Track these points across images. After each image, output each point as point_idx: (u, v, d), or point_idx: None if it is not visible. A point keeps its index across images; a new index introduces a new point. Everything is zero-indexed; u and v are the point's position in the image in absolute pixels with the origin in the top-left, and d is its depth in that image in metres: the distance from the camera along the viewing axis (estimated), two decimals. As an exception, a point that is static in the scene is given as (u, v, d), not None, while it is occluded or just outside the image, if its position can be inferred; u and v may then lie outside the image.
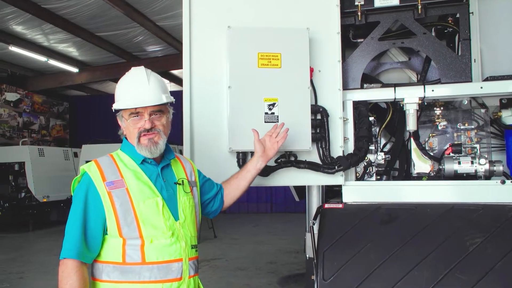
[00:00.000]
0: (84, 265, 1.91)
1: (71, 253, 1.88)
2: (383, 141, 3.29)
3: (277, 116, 2.68)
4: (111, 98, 2.07)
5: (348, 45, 3.25)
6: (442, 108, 3.05)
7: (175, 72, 14.49)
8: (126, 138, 2.10)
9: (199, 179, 2.29)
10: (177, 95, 2.20)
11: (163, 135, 2.05)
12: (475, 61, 2.96)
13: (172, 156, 2.16)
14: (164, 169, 2.09)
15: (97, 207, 1.92)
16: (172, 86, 15.25)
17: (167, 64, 13.09)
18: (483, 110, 3.03)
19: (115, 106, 2.04)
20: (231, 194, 2.43)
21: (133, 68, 2.10)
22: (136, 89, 2.00)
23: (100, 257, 1.95)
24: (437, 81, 2.96)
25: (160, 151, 2.04)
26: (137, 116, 2.01)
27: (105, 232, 1.94)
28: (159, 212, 1.96)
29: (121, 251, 1.91)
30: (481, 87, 2.80)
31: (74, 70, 13.75)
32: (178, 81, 14.94)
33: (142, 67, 2.09)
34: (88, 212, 1.91)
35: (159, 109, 2.04)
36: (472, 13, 2.96)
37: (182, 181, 2.12)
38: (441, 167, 2.92)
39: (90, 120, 16.72)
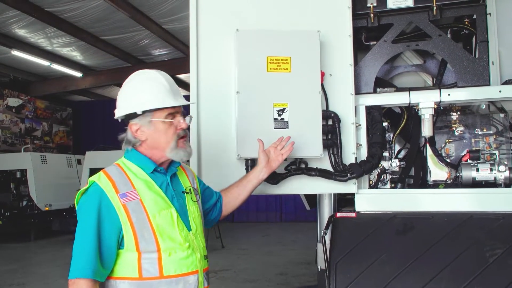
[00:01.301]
0: (97, 284, 1.85)
1: (84, 272, 1.80)
2: (397, 148, 3.28)
3: (287, 122, 2.69)
4: (116, 103, 2.06)
5: (360, 48, 3.25)
6: (459, 112, 3.04)
7: (181, 76, 14.56)
8: (141, 145, 2.03)
9: (200, 187, 2.30)
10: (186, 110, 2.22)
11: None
12: (493, 64, 2.94)
13: (179, 164, 2.16)
14: (172, 177, 2.09)
15: (112, 220, 1.87)
16: (179, 91, 15.32)
17: (173, 68, 13.15)
18: (502, 115, 3.01)
19: (154, 105, 1.96)
20: (231, 203, 2.44)
21: (145, 71, 2.07)
22: (170, 88, 2.00)
23: (114, 273, 1.91)
24: (454, 85, 2.96)
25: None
26: (173, 117, 2.01)
27: (118, 246, 1.90)
28: (174, 224, 1.95)
29: (137, 265, 1.88)
30: (500, 91, 2.78)
31: (78, 74, 13.88)
32: (184, 85, 14.99)
33: (154, 70, 2.08)
34: (103, 226, 1.86)
35: (182, 110, 2.08)
36: (490, 14, 2.95)
37: (190, 189, 2.14)
38: (458, 174, 2.90)
39: (94, 126, 16.86)
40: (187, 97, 2.41)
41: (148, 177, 2.00)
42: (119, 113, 2.03)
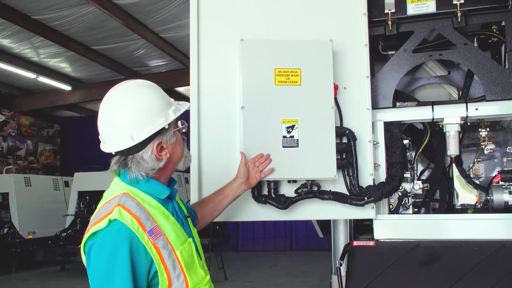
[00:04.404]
0: None
1: None
2: (420, 168, 3.28)
3: (297, 140, 2.70)
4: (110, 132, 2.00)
5: (377, 58, 3.28)
6: (488, 129, 3.04)
7: (180, 89, 14.67)
8: (161, 168, 1.94)
9: None
10: (183, 115, 2.20)
11: None
12: (525, 75, 2.95)
13: (175, 182, 2.13)
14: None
15: (145, 264, 1.76)
16: (177, 105, 15.38)
17: (172, 80, 13.26)
18: (536, 131, 3.02)
19: (177, 112, 1.94)
20: (205, 219, 2.46)
21: (140, 81, 1.97)
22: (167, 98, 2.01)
23: None
24: (482, 98, 2.96)
25: None
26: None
27: None
28: (194, 256, 1.93)
29: None
30: (534, 105, 2.79)
31: (67, 88, 14.00)
32: (184, 99, 15.01)
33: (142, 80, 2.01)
34: (137, 273, 1.74)
35: None
36: (521, 20, 2.97)
37: (191, 213, 2.15)
38: (489, 198, 2.89)
39: (84, 145, 16.82)
40: (184, 113, 2.39)
41: (161, 205, 1.91)
42: (139, 137, 1.83)
